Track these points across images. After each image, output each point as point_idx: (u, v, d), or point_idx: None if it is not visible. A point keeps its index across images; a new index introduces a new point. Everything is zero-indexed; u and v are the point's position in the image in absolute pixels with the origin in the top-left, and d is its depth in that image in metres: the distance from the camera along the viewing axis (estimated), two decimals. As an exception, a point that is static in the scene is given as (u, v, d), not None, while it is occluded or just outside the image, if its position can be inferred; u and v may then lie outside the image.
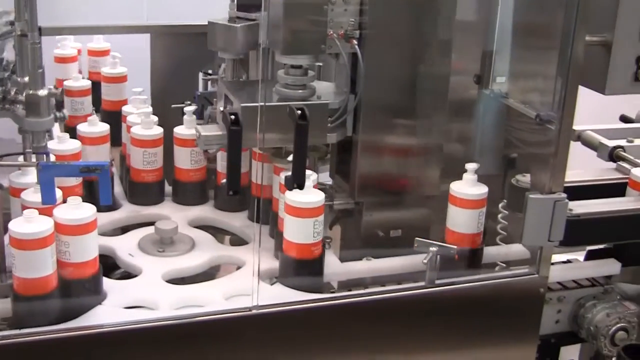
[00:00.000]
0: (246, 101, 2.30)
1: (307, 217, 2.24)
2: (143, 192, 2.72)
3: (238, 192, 2.20)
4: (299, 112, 2.10)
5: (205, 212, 2.72)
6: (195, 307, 2.23)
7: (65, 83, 3.07)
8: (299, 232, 2.26)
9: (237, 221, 2.67)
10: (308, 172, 2.23)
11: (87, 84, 3.10)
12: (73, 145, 2.54)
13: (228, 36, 2.51)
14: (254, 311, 2.18)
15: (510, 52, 2.68)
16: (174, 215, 2.65)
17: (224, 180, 2.30)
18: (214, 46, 2.58)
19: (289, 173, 2.17)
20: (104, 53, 3.28)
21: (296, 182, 2.12)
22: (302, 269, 2.30)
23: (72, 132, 2.66)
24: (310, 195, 2.24)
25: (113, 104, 3.03)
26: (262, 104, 2.16)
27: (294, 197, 2.22)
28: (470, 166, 2.43)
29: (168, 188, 2.79)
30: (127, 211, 2.69)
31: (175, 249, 2.47)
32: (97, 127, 2.72)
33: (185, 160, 2.69)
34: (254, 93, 2.39)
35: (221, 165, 2.67)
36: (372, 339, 2.33)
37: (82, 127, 2.72)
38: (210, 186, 2.77)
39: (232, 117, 2.11)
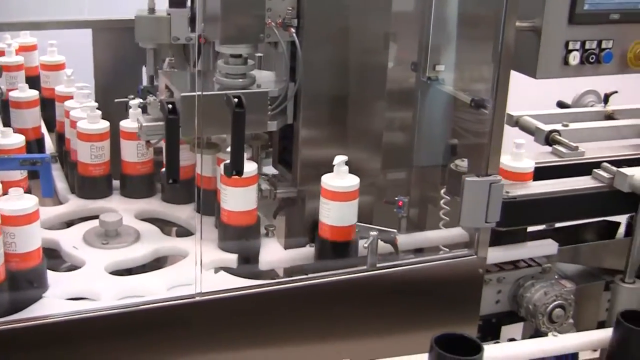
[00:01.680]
0: (186, 91, 2.33)
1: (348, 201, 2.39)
2: (91, 186, 2.73)
3: (177, 180, 2.22)
4: (236, 100, 2.14)
5: (152, 204, 2.75)
6: (139, 298, 2.25)
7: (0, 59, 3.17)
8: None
9: (183, 213, 2.70)
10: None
11: (20, 59, 3.19)
12: (16, 139, 2.56)
13: (140, 27, 2.58)
14: (197, 298, 2.21)
15: (451, 41, 2.75)
16: (121, 208, 2.67)
17: (164, 170, 2.33)
18: (136, 36, 2.64)
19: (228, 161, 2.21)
20: (57, 67, 3.21)
21: (234, 169, 2.15)
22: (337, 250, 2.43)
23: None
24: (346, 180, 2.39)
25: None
26: (200, 93, 2.19)
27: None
28: (518, 141, 2.66)
29: (117, 182, 2.81)
30: (75, 205, 2.70)
31: (119, 241, 2.49)
32: (27, 92, 2.96)
33: (131, 153, 2.71)
34: (194, 83, 2.42)
35: (167, 157, 2.69)
36: (315, 323, 2.37)
37: (13, 94, 2.95)
38: (158, 179, 2.79)
39: (170, 105, 2.14)
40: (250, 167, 2.37)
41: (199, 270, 2.23)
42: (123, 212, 2.61)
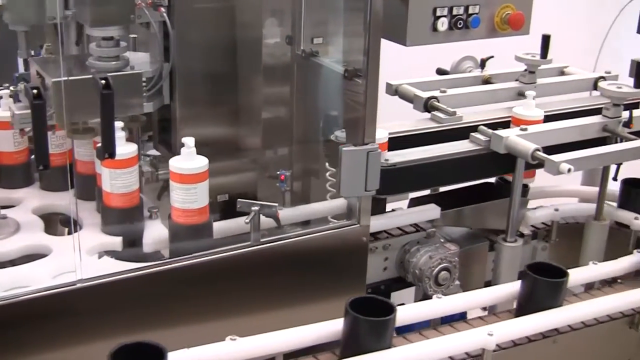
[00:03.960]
0: (57, 77, 2.29)
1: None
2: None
3: (48, 166, 2.19)
4: (103, 82, 2.11)
5: (32, 194, 2.70)
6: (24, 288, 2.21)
7: None
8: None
9: (64, 200, 2.65)
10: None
11: None
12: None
13: (12, 7, 2.44)
14: (79, 285, 2.19)
15: (327, 13, 2.76)
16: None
17: (33, 157, 2.30)
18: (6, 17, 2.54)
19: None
20: None
21: (107, 151, 2.13)
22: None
23: None
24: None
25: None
26: (65, 78, 2.16)
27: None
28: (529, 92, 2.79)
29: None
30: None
31: (-1, 232, 2.45)
32: None
33: (5, 143, 2.65)
34: (66, 68, 2.38)
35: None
36: (202, 302, 2.37)
37: None
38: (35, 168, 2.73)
39: (35, 91, 2.11)
40: (129, 149, 2.36)
41: (78, 257, 2.20)
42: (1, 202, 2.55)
